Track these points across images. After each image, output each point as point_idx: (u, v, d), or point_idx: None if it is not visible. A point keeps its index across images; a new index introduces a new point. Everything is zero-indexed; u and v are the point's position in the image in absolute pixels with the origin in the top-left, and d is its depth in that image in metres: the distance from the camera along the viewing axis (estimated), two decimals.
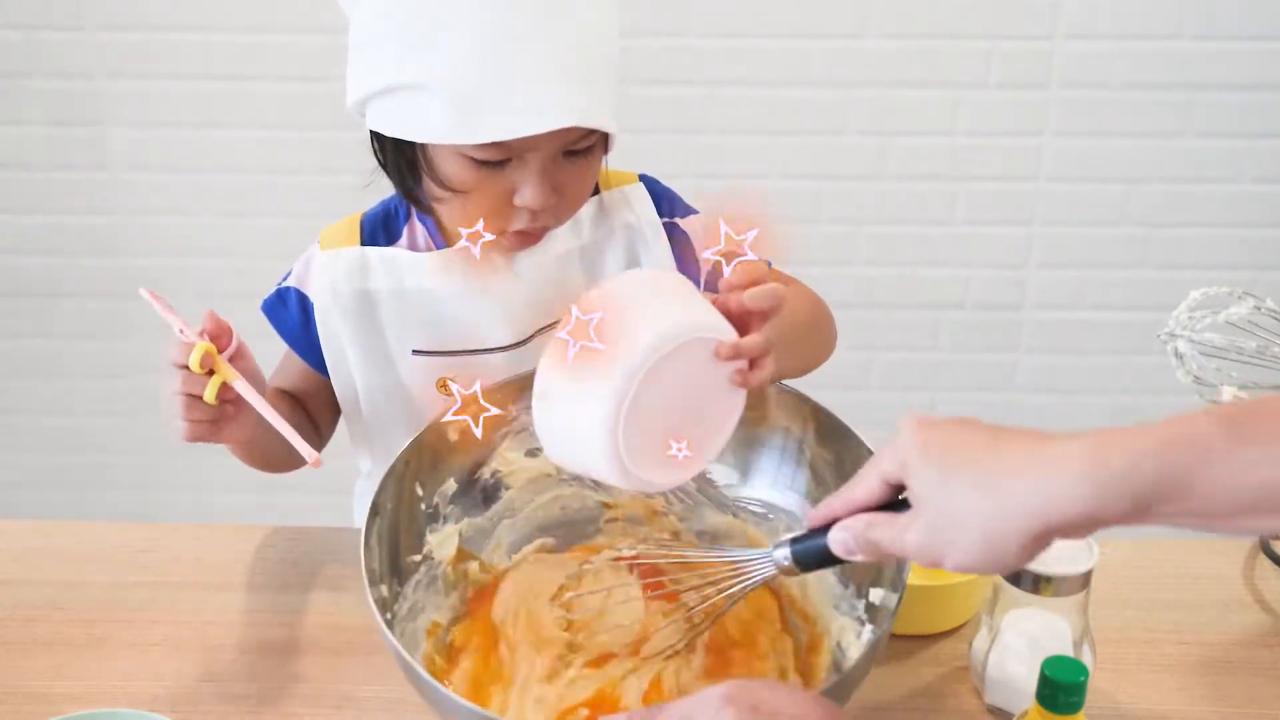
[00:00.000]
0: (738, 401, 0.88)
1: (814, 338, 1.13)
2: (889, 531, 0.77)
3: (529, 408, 1.00)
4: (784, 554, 0.84)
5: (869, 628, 0.92)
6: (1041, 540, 0.72)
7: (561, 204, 1.06)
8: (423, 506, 1.00)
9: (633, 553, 1.01)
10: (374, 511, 0.93)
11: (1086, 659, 0.94)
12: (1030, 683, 0.84)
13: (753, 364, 0.86)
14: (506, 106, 0.96)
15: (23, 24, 2.09)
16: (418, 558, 0.99)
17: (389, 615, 0.92)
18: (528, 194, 1.02)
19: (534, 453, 1.05)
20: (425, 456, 1.00)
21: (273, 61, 2.10)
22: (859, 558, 0.80)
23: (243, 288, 2.22)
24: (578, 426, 0.82)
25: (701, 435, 0.88)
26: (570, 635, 0.97)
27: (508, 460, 1.04)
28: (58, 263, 2.25)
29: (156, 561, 1.15)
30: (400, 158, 1.06)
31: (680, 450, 0.86)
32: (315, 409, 1.19)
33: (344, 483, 1.30)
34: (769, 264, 1.17)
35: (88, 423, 2.35)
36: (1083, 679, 0.79)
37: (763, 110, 2.13)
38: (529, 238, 1.08)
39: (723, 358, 0.83)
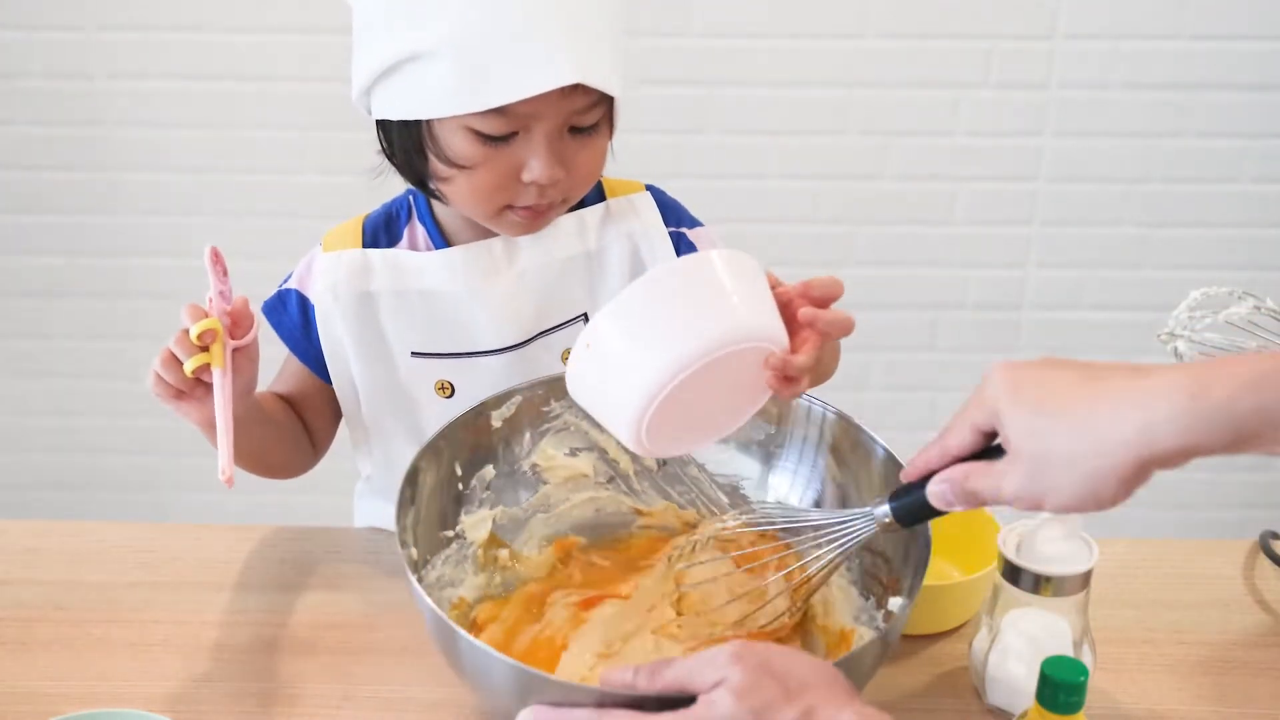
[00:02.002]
0: (760, 399, 0.89)
1: (828, 362, 1.11)
2: (986, 481, 0.78)
3: (571, 406, 1.00)
4: (884, 511, 0.86)
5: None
6: (1142, 474, 0.73)
7: (568, 181, 1.05)
8: (460, 486, 1.01)
9: (737, 523, 1.00)
10: (411, 478, 0.94)
11: (1086, 659, 0.94)
12: (1030, 683, 0.84)
13: (790, 378, 0.86)
14: (509, 70, 0.96)
15: (22, 24, 2.09)
16: (450, 533, 1.01)
17: (417, 578, 0.92)
18: (535, 168, 1.01)
19: (575, 452, 1.06)
20: (465, 438, 1.01)
21: (273, 61, 2.10)
22: (958, 508, 0.81)
23: (242, 288, 2.23)
24: (613, 387, 0.83)
25: (715, 419, 0.89)
26: (679, 613, 0.97)
27: (548, 455, 1.05)
28: (58, 263, 2.25)
29: (156, 561, 1.15)
30: (407, 141, 1.05)
31: (691, 432, 0.88)
32: (312, 415, 1.19)
33: (344, 483, 1.30)
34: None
35: (88, 423, 2.35)
36: (1083, 679, 0.79)
37: (763, 110, 2.13)
38: (536, 217, 1.07)
39: (770, 368, 0.85)
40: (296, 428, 1.18)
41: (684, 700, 0.76)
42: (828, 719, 0.74)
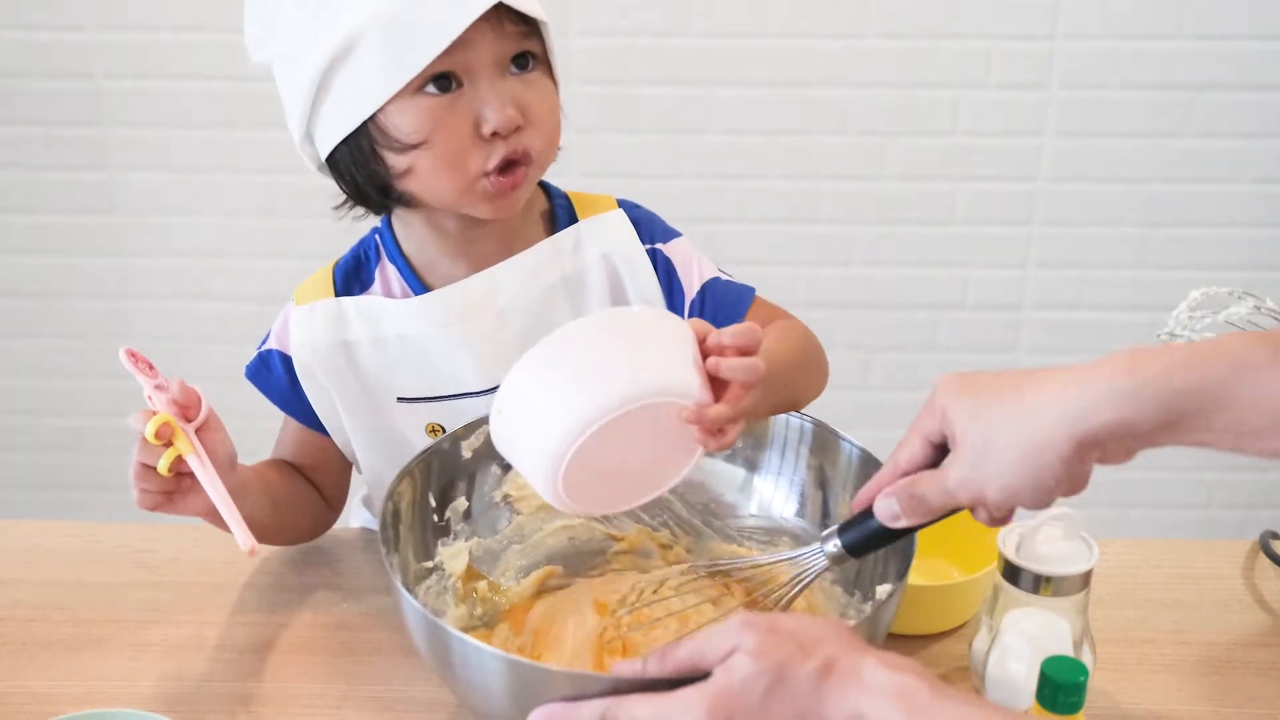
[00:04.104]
0: (693, 454, 0.87)
1: (799, 381, 1.07)
2: (932, 483, 0.79)
3: None
4: (833, 543, 0.85)
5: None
6: (1080, 453, 0.73)
7: (530, 128, 1.02)
8: (435, 518, 1.01)
9: (682, 568, 0.99)
10: (392, 511, 0.94)
11: (1086, 659, 0.94)
12: (1030, 683, 0.84)
13: (715, 430, 0.84)
14: (432, 21, 0.96)
15: (22, 24, 2.09)
16: (429, 564, 1.00)
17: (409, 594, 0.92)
18: (490, 115, 0.99)
19: None
20: (437, 469, 1.00)
21: None
22: (905, 521, 0.81)
23: (242, 288, 2.23)
24: (525, 448, 0.82)
25: (646, 476, 0.87)
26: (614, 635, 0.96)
27: (519, 485, 1.04)
28: (58, 263, 2.25)
29: (156, 561, 1.15)
30: (359, 156, 1.02)
31: (619, 492, 0.87)
32: (319, 474, 1.16)
33: None
34: (754, 291, 1.15)
35: (88, 423, 2.35)
36: (1083, 679, 0.79)
37: (763, 110, 2.13)
38: (512, 181, 1.02)
39: (685, 421, 0.82)
40: (301, 491, 1.15)
41: (698, 678, 0.75)
42: (850, 666, 0.73)
